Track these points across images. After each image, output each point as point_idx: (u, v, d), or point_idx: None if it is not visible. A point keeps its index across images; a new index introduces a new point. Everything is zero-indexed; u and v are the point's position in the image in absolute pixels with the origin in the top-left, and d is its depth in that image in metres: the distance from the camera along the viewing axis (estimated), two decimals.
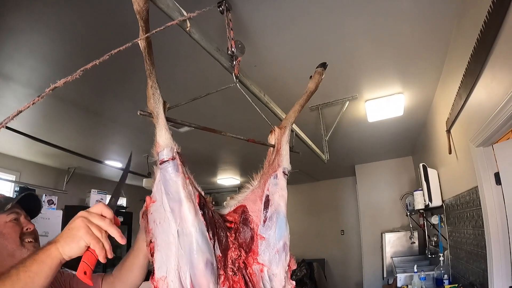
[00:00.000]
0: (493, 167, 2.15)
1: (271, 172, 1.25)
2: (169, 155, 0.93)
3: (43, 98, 0.63)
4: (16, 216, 1.11)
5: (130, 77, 2.63)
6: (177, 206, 0.91)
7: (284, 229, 1.15)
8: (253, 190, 1.23)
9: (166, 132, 0.94)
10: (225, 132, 1.28)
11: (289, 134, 1.34)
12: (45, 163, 5.30)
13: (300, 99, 1.42)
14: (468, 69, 2.10)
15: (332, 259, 7.10)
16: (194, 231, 0.89)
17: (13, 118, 0.62)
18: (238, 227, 1.11)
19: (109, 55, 0.71)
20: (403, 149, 5.34)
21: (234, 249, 1.05)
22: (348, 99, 3.18)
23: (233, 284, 0.98)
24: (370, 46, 2.41)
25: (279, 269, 1.10)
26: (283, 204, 1.18)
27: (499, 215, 2.09)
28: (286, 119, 1.39)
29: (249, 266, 1.07)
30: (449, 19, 2.15)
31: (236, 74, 1.54)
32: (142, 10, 0.86)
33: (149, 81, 0.94)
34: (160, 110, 0.95)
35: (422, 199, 3.61)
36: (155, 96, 0.95)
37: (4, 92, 2.82)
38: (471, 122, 2.26)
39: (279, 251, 1.11)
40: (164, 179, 0.93)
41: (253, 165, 5.50)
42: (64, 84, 2.68)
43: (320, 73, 1.48)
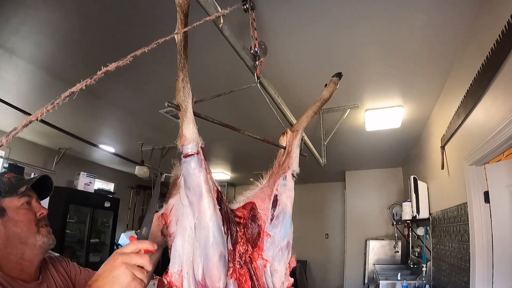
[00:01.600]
0: (483, 186, 2.25)
1: (280, 173, 1.28)
2: (194, 150, 0.94)
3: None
4: (28, 199, 1.04)
5: (133, 62, 2.62)
6: (196, 199, 0.94)
7: (289, 229, 1.20)
8: (262, 189, 1.26)
9: (193, 126, 0.95)
10: (243, 131, 1.30)
11: (300, 138, 1.38)
12: (36, 141, 5.22)
13: (314, 105, 1.46)
14: (469, 90, 2.19)
15: (314, 261, 7.19)
16: (211, 225, 0.92)
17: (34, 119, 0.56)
18: (246, 222, 1.15)
19: (132, 56, 0.69)
20: (394, 160, 5.46)
21: (242, 244, 1.09)
22: (349, 107, 3.26)
23: (239, 277, 1.02)
24: (377, 58, 2.48)
25: (281, 266, 1.14)
26: (290, 205, 1.23)
27: (485, 231, 2.18)
28: (299, 123, 1.43)
29: (254, 260, 1.11)
30: (457, 42, 2.23)
31: (258, 75, 1.56)
32: (184, 3, 0.87)
33: (181, 74, 0.94)
34: (189, 104, 0.95)
35: (410, 210, 3.71)
36: (185, 90, 0.95)
37: (5, 65, 2.78)
38: (467, 141, 2.34)
39: (283, 249, 1.16)
40: (187, 173, 0.95)
41: (244, 162, 5.58)
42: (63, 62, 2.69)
43: (335, 82, 1.52)
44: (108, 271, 0.74)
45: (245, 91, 1.62)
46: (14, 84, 3.09)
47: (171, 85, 0.94)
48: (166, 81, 2.85)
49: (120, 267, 0.73)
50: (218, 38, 1.53)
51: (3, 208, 0.98)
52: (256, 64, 1.55)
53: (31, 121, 0.53)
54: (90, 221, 5.47)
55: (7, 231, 0.97)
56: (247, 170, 6.57)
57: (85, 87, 1.85)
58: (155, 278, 3.98)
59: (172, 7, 0.91)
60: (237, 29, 1.57)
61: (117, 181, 6.84)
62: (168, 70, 2.68)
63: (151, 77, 2.90)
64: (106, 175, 6.68)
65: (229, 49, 1.51)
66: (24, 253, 0.99)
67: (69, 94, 0.59)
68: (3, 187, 1.01)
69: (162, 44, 0.70)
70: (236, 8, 1.27)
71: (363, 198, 6.14)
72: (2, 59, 2.65)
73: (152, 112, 3.68)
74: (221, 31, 1.29)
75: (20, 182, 1.04)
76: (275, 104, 2.04)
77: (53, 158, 5.39)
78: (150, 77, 2.90)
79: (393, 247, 5.00)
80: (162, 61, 2.59)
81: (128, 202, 7.21)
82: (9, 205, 0.99)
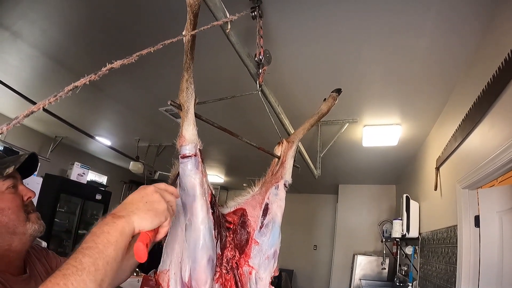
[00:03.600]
0: (474, 210, 2.26)
1: (273, 182, 1.29)
2: (192, 151, 0.94)
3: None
4: (13, 182, 0.88)
5: (138, 59, 2.63)
6: (190, 201, 0.94)
7: (277, 238, 1.21)
8: (254, 196, 1.27)
9: (193, 127, 0.95)
10: (241, 137, 1.31)
11: (295, 149, 1.39)
12: (33, 127, 5.19)
13: (311, 118, 1.47)
14: (468, 114, 2.21)
15: (301, 271, 7.16)
16: (203, 228, 0.93)
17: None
18: (236, 228, 1.15)
19: (138, 55, 0.70)
20: (388, 177, 5.48)
21: (230, 249, 1.09)
22: (348, 121, 3.28)
23: (225, 282, 1.02)
24: (379, 76, 2.51)
25: (266, 274, 1.15)
26: (280, 215, 1.24)
27: (473, 255, 2.19)
28: (295, 134, 1.44)
29: (240, 267, 1.11)
30: (459, 66, 2.27)
31: (260, 82, 1.58)
32: (195, 4, 0.88)
33: (185, 74, 0.94)
34: (191, 105, 0.95)
35: (400, 228, 3.71)
36: (188, 90, 0.95)
37: (9, 49, 2.78)
38: (462, 164, 2.35)
39: (269, 258, 1.17)
40: (183, 174, 0.95)
41: (239, 167, 5.58)
42: (67, 50, 2.70)
43: (334, 97, 1.53)
44: (139, 197, 0.67)
45: (246, 97, 1.63)
46: (16, 68, 3.09)
47: (173, 84, 0.95)
48: (169, 79, 2.86)
49: (155, 194, 0.68)
50: (224, 43, 1.55)
51: None
52: (259, 72, 1.56)
53: (33, 111, 0.53)
54: (80, 212, 5.42)
55: None
56: (241, 175, 6.58)
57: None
58: (140, 275, 3.95)
59: (181, 4, 0.90)
60: (243, 35, 1.58)
61: (111, 174, 6.79)
62: (172, 69, 2.69)
63: (155, 75, 2.91)
64: (100, 168, 6.64)
65: (233, 55, 1.53)
66: (12, 243, 0.85)
67: (72, 88, 0.59)
68: None
69: (169, 44, 0.70)
70: (244, 15, 1.28)
71: (354, 213, 6.15)
72: (7, 41, 2.65)
73: (152, 109, 3.69)
74: (227, 36, 1.30)
75: (4, 161, 0.87)
76: (274, 113, 2.05)
77: (48, 145, 5.37)
78: (153, 75, 2.91)
79: (380, 263, 5.00)
80: (167, 60, 2.60)
81: (120, 197, 7.17)
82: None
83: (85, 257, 0.53)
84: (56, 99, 0.55)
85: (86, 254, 0.53)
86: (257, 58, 1.53)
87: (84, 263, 0.52)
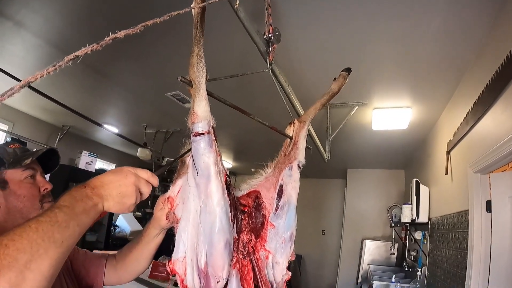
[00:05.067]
0: (486, 195, 2.21)
1: (286, 163, 1.24)
2: (205, 128, 0.88)
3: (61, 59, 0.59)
4: (32, 173, 0.98)
5: (143, 44, 2.61)
6: (204, 182, 0.89)
7: (293, 220, 1.16)
8: (267, 178, 1.22)
9: (206, 104, 0.89)
10: (253, 116, 1.26)
11: (307, 129, 1.34)
12: (41, 117, 5.22)
13: (322, 98, 1.43)
14: (480, 97, 2.15)
15: (309, 256, 7.21)
16: (219, 210, 0.88)
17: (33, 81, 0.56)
18: (251, 211, 1.11)
19: (143, 26, 0.67)
20: (398, 161, 5.42)
21: (246, 233, 1.05)
22: (357, 104, 3.22)
23: (242, 267, 0.98)
24: (390, 58, 2.44)
25: (283, 259, 1.11)
26: (295, 196, 1.20)
27: (484, 241, 2.15)
28: (306, 114, 1.39)
29: (256, 251, 1.07)
30: (472, 47, 2.20)
31: (271, 61, 1.54)
32: None
33: (196, 48, 0.89)
34: (203, 80, 0.89)
35: (409, 213, 3.67)
36: (199, 65, 0.89)
37: (13, 39, 2.76)
38: (473, 148, 2.30)
39: (286, 241, 1.12)
40: (196, 153, 0.89)
41: (247, 152, 5.56)
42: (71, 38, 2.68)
43: (344, 77, 1.49)
44: (117, 184, 0.75)
45: (255, 79, 1.60)
46: (21, 58, 3.08)
47: (180, 69, 0.91)
48: (175, 65, 2.82)
49: (131, 187, 0.76)
50: (232, 21, 1.51)
51: (5, 180, 0.93)
52: (269, 50, 1.52)
53: (30, 82, 0.53)
54: None
55: (8, 205, 0.92)
56: (249, 160, 6.56)
57: (93, 64, 1.81)
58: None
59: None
60: (251, 13, 1.54)
61: (119, 162, 6.85)
62: (178, 55, 2.65)
63: (160, 60, 2.87)
64: (108, 156, 6.69)
65: (242, 34, 1.49)
66: None
67: (73, 58, 0.58)
68: (6, 158, 0.94)
69: (174, 30, 0.66)
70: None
71: (363, 198, 6.13)
72: (11, 31, 2.63)
73: (159, 95, 3.66)
74: (236, 12, 1.24)
75: (26, 154, 0.98)
76: (284, 93, 2.01)
77: (56, 135, 5.41)
78: (159, 60, 2.88)
79: (389, 248, 4.99)
80: (172, 45, 2.56)
81: None
82: (12, 178, 0.94)
83: (61, 213, 0.61)
84: (55, 69, 0.55)
85: (63, 211, 0.61)
86: (266, 36, 1.48)
87: (59, 217, 0.60)
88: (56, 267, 0.58)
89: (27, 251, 0.53)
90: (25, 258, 0.53)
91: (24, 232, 0.55)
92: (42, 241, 0.55)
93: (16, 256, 0.52)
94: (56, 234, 0.58)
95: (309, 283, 7.08)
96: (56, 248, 0.57)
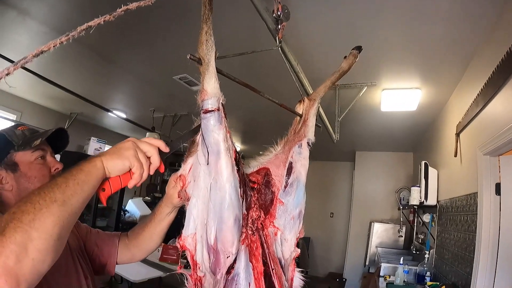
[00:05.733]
0: (495, 177, 2.19)
1: (296, 140, 1.24)
2: (214, 105, 0.88)
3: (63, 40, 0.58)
4: (42, 154, 0.97)
5: (149, 28, 2.58)
6: (214, 158, 0.89)
7: (301, 197, 1.17)
8: (277, 155, 1.22)
9: (215, 80, 0.90)
10: (263, 93, 1.26)
11: (317, 108, 1.33)
12: (48, 105, 5.25)
13: (332, 76, 1.41)
14: (490, 79, 2.11)
15: (317, 239, 7.27)
16: (228, 186, 0.88)
17: (34, 58, 0.57)
18: (260, 188, 1.11)
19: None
20: (406, 144, 5.38)
21: (255, 209, 1.05)
22: (366, 85, 3.17)
23: (251, 244, 0.99)
24: (399, 38, 2.39)
25: (291, 235, 1.12)
26: (304, 174, 1.20)
27: (493, 223, 2.14)
28: (316, 92, 1.38)
29: (265, 228, 1.08)
30: (482, 29, 2.14)
31: (280, 39, 1.54)
32: None
33: (204, 26, 0.89)
34: (212, 58, 0.90)
35: (418, 196, 3.66)
36: (208, 43, 0.90)
37: (18, 28, 2.75)
38: (483, 130, 2.26)
39: (294, 218, 1.13)
40: (205, 130, 0.90)
41: (254, 134, 5.53)
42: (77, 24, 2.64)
43: (354, 55, 1.46)
44: (114, 146, 0.78)
45: (264, 58, 1.57)
46: (27, 47, 3.07)
47: (186, 52, 0.90)
48: (182, 48, 2.79)
49: (127, 142, 0.79)
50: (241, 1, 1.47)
51: (15, 163, 0.93)
52: (278, 27, 1.51)
53: (43, 51, 0.56)
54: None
55: (19, 187, 0.92)
56: (257, 142, 6.54)
57: (99, 51, 1.78)
58: (160, 245, 4.08)
59: None
60: None
61: None
62: (184, 39, 2.62)
63: (167, 44, 2.84)
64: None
65: (250, 11, 1.47)
66: None
67: (86, 28, 0.61)
68: (16, 140, 0.94)
69: (180, 13, 0.64)
70: None
71: (371, 180, 6.11)
72: (16, 21, 2.62)
73: (166, 79, 3.64)
74: None
75: (35, 135, 0.97)
76: (293, 72, 2.00)
77: (64, 122, 5.45)
78: (165, 44, 2.85)
79: (397, 231, 4.99)
80: (178, 29, 2.53)
81: None
82: (22, 160, 0.94)
83: (60, 177, 0.66)
84: (68, 38, 0.57)
85: (62, 176, 0.67)
86: (275, 14, 1.47)
87: (58, 180, 0.65)
88: (62, 226, 0.60)
89: (30, 211, 0.57)
90: (28, 218, 0.56)
91: (28, 198, 0.59)
92: (44, 201, 0.59)
93: (21, 218, 0.55)
94: (58, 194, 0.61)
95: (317, 265, 7.16)
96: (58, 206, 0.60)
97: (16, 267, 0.52)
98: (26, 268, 0.53)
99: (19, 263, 0.53)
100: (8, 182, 0.92)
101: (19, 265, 0.52)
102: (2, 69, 0.54)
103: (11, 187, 0.92)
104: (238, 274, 0.92)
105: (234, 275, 0.92)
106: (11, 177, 0.92)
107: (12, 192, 0.92)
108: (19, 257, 0.53)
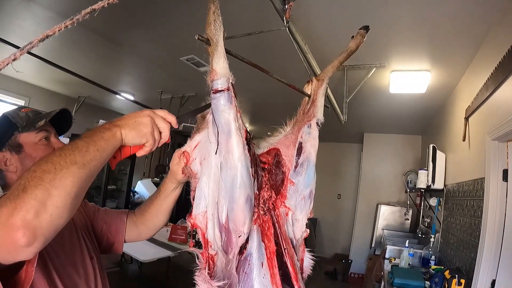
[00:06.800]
0: (503, 163, 2.16)
1: (305, 120, 1.24)
2: (224, 85, 0.89)
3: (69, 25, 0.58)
4: (46, 135, 0.98)
5: (155, 8, 2.54)
6: (225, 138, 0.90)
7: (312, 177, 1.17)
8: (286, 136, 1.23)
9: (224, 60, 0.89)
10: (271, 73, 1.27)
11: (325, 88, 1.32)
12: (56, 90, 5.29)
13: (340, 56, 1.39)
14: (501, 63, 2.05)
15: (324, 220, 7.34)
16: (240, 166, 0.89)
17: (39, 43, 0.58)
18: (271, 168, 1.12)
19: None
20: (415, 127, 5.31)
21: (266, 190, 1.06)
22: (375, 66, 3.11)
23: (263, 223, 1.00)
24: (409, 19, 2.33)
25: (302, 215, 1.13)
26: (314, 154, 1.21)
27: (499, 210, 2.12)
28: (324, 72, 1.37)
29: (276, 208, 1.09)
30: (494, 11, 2.08)
31: (287, 19, 1.53)
32: None
33: (212, 6, 0.88)
34: (220, 38, 0.89)
35: (425, 179, 3.64)
36: (216, 23, 0.89)
37: (23, 14, 2.73)
38: (493, 115, 2.22)
39: (305, 198, 1.14)
40: (216, 110, 0.90)
41: (263, 115, 5.49)
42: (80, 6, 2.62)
43: (362, 35, 1.42)
44: (133, 116, 0.79)
45: (272, 38, 1.54)
46: (33, 32, 3.06)
47: (194, 33, 0.90)
48: (189, 28, 2.74)
49: (146, 117, 0.80)
50: None
51: (19, 144, 0.94)
52: (286, 7, 1.50)
53: (48, 35, 0.57)
54: (107, 168, 5.64)
55: (24, 168, 0.92)
56: (266, 123, 6.52)
57: (106, 33, 1.74)
58: (168, 225, 4.15)
59: None
60: None
61: None
62: (191, 19, 2.59)
63: (174, 25, 2.81)
64: None
65: None
66: None
67: (90, 11, 0.63)
68: (20, 122, 0.95)
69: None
70: None
71: (379, 162, 6.09)
72: (20, 7, 2.61)
73: (173, 60, 3.61)
74: None
75: (39, 116, 0.98)
76: (301, 52, 1.98)
77: (72, 106, 5.50)
78: (172, 25, 2.81)
79: (403, 214, 5.00)
80: (185, 9, 2.50)
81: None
82: (26, 141, 0.94)
83: (81, 141, 0.67)
84: (72, 22, 0.59)
85: (83, 140, 0.68)
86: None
87: (79, 144, 0.66)
88: (79, 186, 0.63)
89: (51, 171, 0.60)
90: (49, 177, 0.59)
91: (49, 157, 0.63)
92: (65, 163, 0.62)
93: (42, 176, 0.59)
94: (78, 157, 0.64)
95: (323, 246, 7.25)
96: (78, 168, 0.63)
97: (34, 221, 0.55)
98: (44, 223, 0.57)
99: (38, 217, 0.56)
100: (13, 163, 0.93)
101: (37, 220, 0.56)
102: (8, 55, 0.55)
103: (16, 168, 0.93)
104: (251, 254, 0.94)
105: (247, 255, 0.94)
106: (16, 159, 0.93)
107: (17, 174, 0.93)
108: (39, 212, 0.56)
